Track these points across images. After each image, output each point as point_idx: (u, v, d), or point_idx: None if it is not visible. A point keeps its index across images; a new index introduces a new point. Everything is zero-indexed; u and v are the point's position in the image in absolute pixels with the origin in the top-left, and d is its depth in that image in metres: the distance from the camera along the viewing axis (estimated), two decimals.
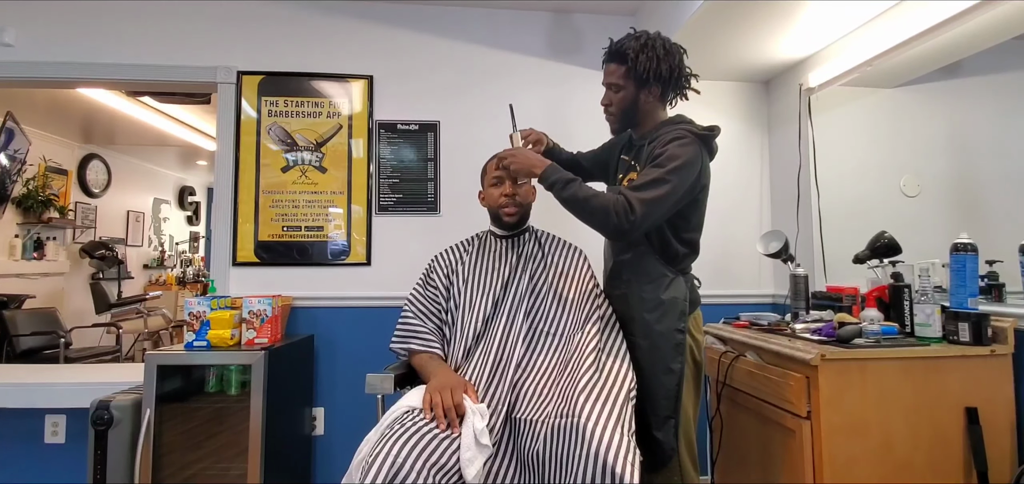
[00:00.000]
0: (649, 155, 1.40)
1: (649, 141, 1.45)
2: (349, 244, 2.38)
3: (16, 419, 2.06)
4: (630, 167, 1.52)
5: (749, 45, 2.19)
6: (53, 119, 4.52)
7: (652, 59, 1.43)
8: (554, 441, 1.14)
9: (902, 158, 2.17)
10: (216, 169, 2.35)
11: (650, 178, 1.32)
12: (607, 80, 1.52)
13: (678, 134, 1.39)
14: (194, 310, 1.92)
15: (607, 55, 1.52)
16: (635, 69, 1.44)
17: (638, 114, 1.51)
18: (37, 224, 4.59)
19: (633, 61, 1.44)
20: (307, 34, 2.42)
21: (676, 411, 1.37)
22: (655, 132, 1.46)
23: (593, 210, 1.34)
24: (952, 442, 1.43)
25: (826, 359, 1.40)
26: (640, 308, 1.42)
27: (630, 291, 1.46)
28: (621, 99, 1.50)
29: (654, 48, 1.44)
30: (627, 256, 1.49)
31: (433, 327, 1.52)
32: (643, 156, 1.44)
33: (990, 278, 1.63)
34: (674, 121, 1.48)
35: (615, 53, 1.49)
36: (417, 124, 2.44)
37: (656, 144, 1.40)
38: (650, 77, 1.44)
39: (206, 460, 1.92)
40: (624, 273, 1.49)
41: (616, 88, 1.50)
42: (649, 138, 1.46)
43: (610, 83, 1.51)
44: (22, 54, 2.29)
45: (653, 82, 1.45)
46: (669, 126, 1.45)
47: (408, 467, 1.09)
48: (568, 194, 1.37)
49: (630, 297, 1.46)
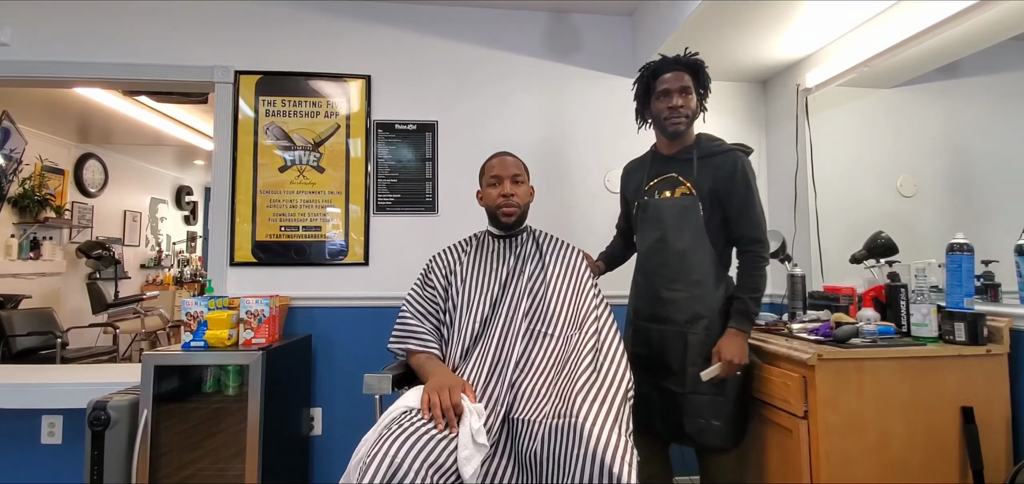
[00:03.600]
0: (729, 181, 1.57)
1: (699, 157, 1.62)
2: (347, 244, 2.38)
3: (12, 420, 2.06)
4: (677, 182, 1.65)
5: (746, 45, 2.19)
6: (49, 118, 4.50)
7: (708, 81, 1.66)
8: (552, 441, 1.14)
9: (899, 158, 2.18)
10: (213, 169, 2.34)
11: (753, 209, 1.58)
12: (680, 84, 1.61)
13: (740, 159, 1.60)
14: (191, 310, 1.91)
15: (672, 63, 1.63)
16: (704, 84, 1.65)
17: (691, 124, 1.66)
18: (33, 224, 4.57)
19: (705, 78, 1.65)
20: (305, 33, 2.41)
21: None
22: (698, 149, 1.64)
23: (764, 285, 1.58)
24: (948, 441, 1.44)
25: (823, 359, 1.41)
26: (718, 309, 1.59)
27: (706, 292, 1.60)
28: (692, 104, 1.63)
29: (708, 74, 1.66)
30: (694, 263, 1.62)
31: (431, 327, 1.52)
32: (692, 171, 1.61)
33: (986, 278, 1.64)
34: (711, 138, 1.67)
35: (685, 63, 1.63)
36: (415, 124, 2.44)
37: (727, 171, 1.58)
38: (705, 93, 1.66)
39: (203, 460, 1.92)
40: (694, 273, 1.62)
41: (688, 92, 1.62)
42: (697, 154, 1.62)
43: (684, 87, 1.61)
44: (18, 53, 2.28)
45: (705, 98, 1.68)
46: (712, 143, 1.65)
47: (406, 467, 1.09)
48: (756, 311, 1.56)
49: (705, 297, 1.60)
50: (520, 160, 1.62)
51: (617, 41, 2.56)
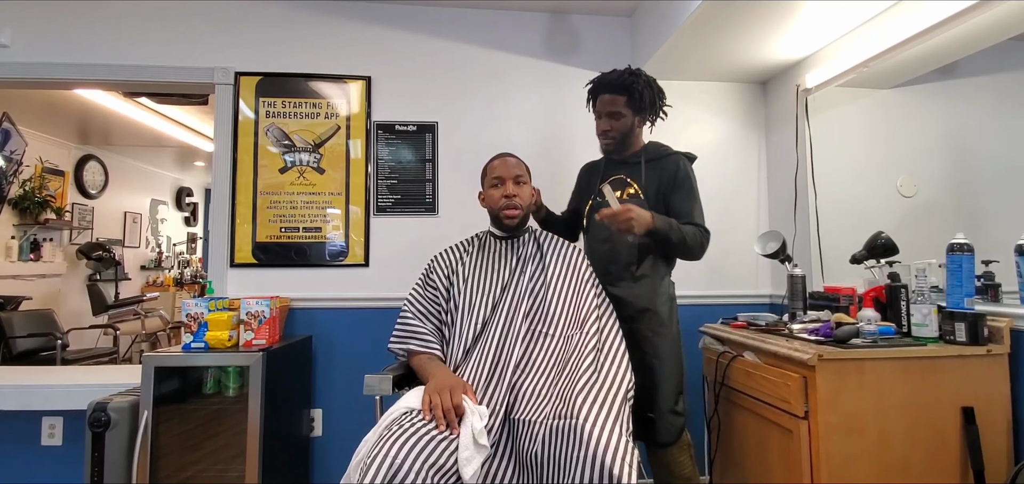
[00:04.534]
0: (670, 180, 1.68)
1: (646, 161, 1.73)
2: (347, 245, 2.38)
3: (13, 421, 2.06)
4: (625, 183, 1.75)
5: (746, 46, 2.20)
6: (50, 120, 4.50)
7: (649, 93, 1.71)
8: (552, 442, 1.14)
9: (899, 158, 2.18)
10: (214, 170, 2.34)
11: (695, 204, 1.67)
12: (609, 109, 1.72)
13: (680, 160, 1.72)
14: (192, 311, 1.91)
15: (606, 86, 1.72)
16: (639, 101, 1.70)
17: (631, 137, 1.77)
18: (34, 225, 4.58)
19: (639, 95, 1.69)
20: (305, 35, 2.41)
21: (683, 386, 1.69)
22: (645, 153, 1.75)
23: (691, 247, 1.63)
24: (949, 441, 1.44)
25: (823, 359, 1.41)
26: (657, 302, 1.67)
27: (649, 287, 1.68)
28: (621, 126, 1.73)
29: (650, 84, 1.73)
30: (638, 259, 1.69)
31: (432, 328, 1.52)
32: (640, 174, 1.72)
33: (986, 278, 1.64)
34: (657, 145, 1.78)
35: (618, 86, 1.70)
36: (415, 125, 2.44)
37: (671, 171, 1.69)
38: (646, 107, 1.72)
39: (204, 462, 1.92)
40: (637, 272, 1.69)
41: (618, 116, 1.72)
42: (644, 157, 1.74)
43: (612, 111, 1.72)
44: (18, 55, 2.29)
45: (647, 111, 1.74)
46: (657, 148, 1.76)
47: (407, 468, 1.09)
48: (677, 237, 1.60)
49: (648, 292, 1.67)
50: (522, 161, 1.62)
51: (617, 42, 2.57)
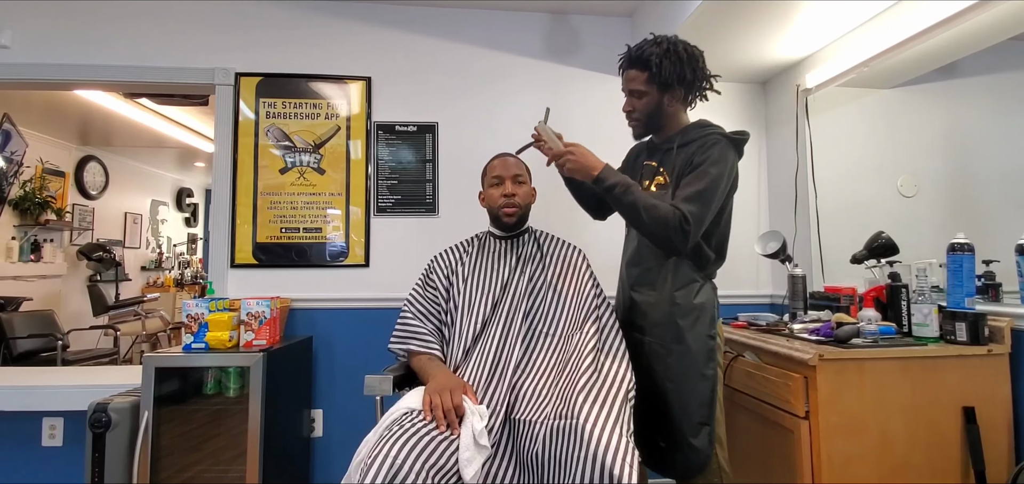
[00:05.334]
0: (688, 162, 1.38)
1: (679, 145, 1.44)
2: (347, 245, 2.38)
3: (13, 422, 2.06)
4: (656, 171, 1.49)
5: (746, 46, 2.20)
6: (50, 121, 4.50)
7: (675, 63, 1.42)
8: (553, 442, 1.13)
9: (899, 158, 2.18)
10: (214, 171, 2.34)
11: (697, 189, 1.32)
12: (630, 87, 1.48)
13: (713, 139, 1.38)
14: (192, 312, 1.91)
15: (627, 61, 1.49)
16: (659, 74, 1.42)
17: (662, 118, 1.48)
18: (34, 226, 4.58)
19: (657, 67, 1.41)
20: (305, 35, 2.42)
21: (710, 418, 1.35)
22: (681, 136, 1.45)
23: (653, 220, 1.31)
24: (950, 441, 1.44)
25: (824, 359, 1.41)
26: (674, 314, 1.39)
27: (662, 296, 1.43)
28: (644, 105, 1.47)
29: (676, 52, 1.43)
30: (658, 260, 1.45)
31: (432, 328, 1.52)
32: (671, 160, 1.44)
33: (987, 278, 1.64)
34: (701, 125, 1.46)
35: (636, 59, 1.46)
36: (415, 125, 2.44)
37: (694, 151, 1.38)
38: (673, 81, 1.42)
39: (204, 462, 1.92)
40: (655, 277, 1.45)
41: (639, 94, 1.47)
42: (678, 142, 1.45)
43: (633, 89, 1.48)
44: (18, 55, 2.29)
45: (677, 86, 1.44)
46: (697, 130, 1.45)
47: (407, 468, 1.09)
48: (628, 200, 1.34)
49: (661, 302, 1.42)
50: (522, 161, 1.62)
51: (617, 42, 2.54)
